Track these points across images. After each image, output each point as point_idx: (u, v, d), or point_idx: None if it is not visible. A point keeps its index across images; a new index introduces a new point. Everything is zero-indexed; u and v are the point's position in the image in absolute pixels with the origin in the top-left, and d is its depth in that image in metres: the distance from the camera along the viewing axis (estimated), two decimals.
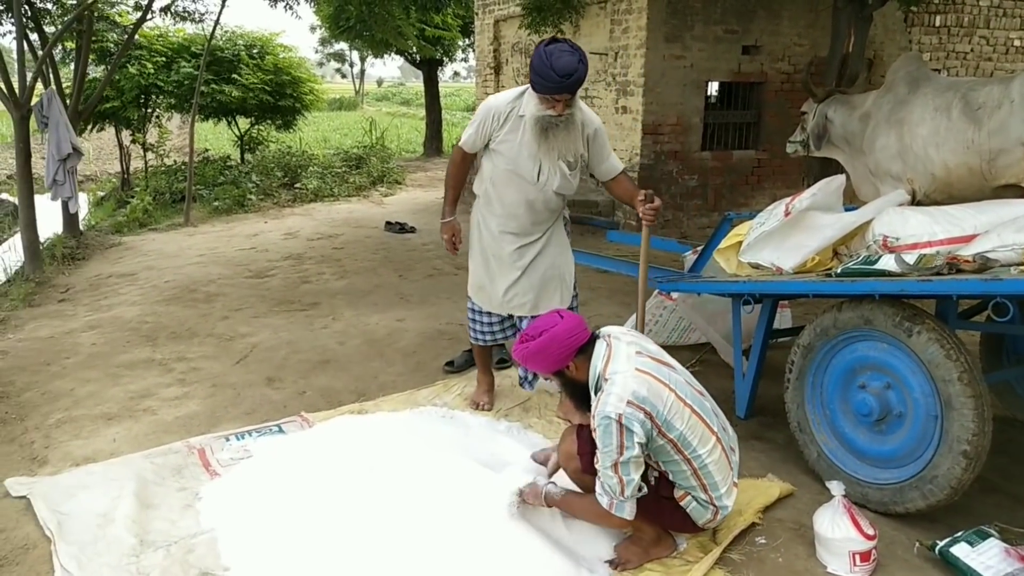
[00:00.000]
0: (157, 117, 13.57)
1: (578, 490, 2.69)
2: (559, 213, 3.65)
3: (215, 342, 5.02)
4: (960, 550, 2.55)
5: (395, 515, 2.75)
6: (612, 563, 2.63)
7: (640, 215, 3.32)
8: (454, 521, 2.68)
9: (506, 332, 3.81)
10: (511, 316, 3.73)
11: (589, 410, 2.53)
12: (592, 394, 2.53)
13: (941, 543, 2.60)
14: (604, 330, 2.67)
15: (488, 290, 3.68)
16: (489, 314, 3.75)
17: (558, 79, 3.11)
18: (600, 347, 2.58)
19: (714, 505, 2.57)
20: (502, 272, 3.62)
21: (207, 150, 15.51)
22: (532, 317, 3.55)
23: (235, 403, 4.04)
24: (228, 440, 3.51)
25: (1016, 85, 4.11)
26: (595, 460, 2.45)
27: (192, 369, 4.53)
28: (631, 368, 2.47)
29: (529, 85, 3.30)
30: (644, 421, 2.39)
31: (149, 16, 10.02)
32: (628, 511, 2.45)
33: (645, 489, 2.49)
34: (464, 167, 3.63)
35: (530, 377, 3.86)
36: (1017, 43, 9.52)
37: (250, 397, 4.12)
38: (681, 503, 2.57)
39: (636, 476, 2.42)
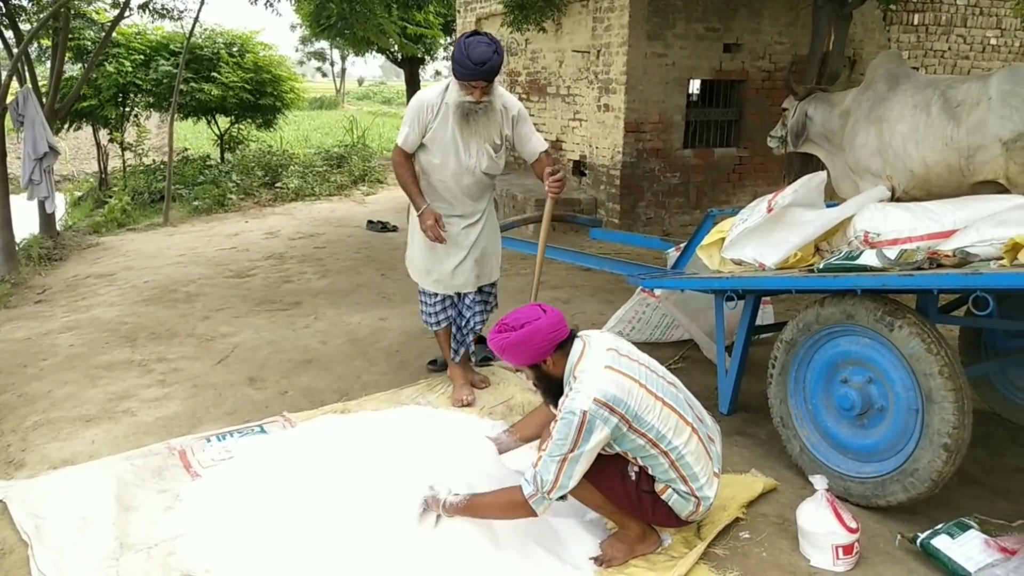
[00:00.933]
0: (135, 116, 13.45)
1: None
2: (491, 194, 3.99)
3: (196, 342, 4.97)
4: (941, 542, 2.57)
5: (379, 514, 2.72)
6: (597, 560, 2.63)
7: (546, 188, 3.64)
8: (435, 523, 2.66)
9: (448, 312, 4.00)
10: (451, 297, 3.97)
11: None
12: (565, 390, 2.54)
13: (923, 535, 2.63)
14: (582, 333, 2.68)
15: (435, 272, 3.90)
16: (435, 295, 3.96)
17: (473, 66, 3.43)
18: (577, 344, 2.59)
19: (695, 496, 2.57)
20: (449, 253, 3.84)
21: (186, 149, 15.37)
22: (466, 293, 3.93)
23: (216, 404, 4.00)
24: (209, 441, 3.48)
25: (994, 82, 4.15)
26: (541, 447, 2.45)
27: (172, 370, 4.48)
28: (601, 365, 2.48)
29: (453, 76, 3.58)
30: (609, 418, 2.39)
31: (127, 13, 9.91)
32: (543, 510, 2.45)
33: (565, 499, 2.48)
34: (410, 164, 3.81)
35: (469, 342, 4.05)
36: (994, 41, 9.63)
37: (232, 397, 4.08)
38: (662, 496, 2.57)
39: (573, 482, 2.42)
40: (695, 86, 8.52)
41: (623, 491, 2.58)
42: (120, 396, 4.10)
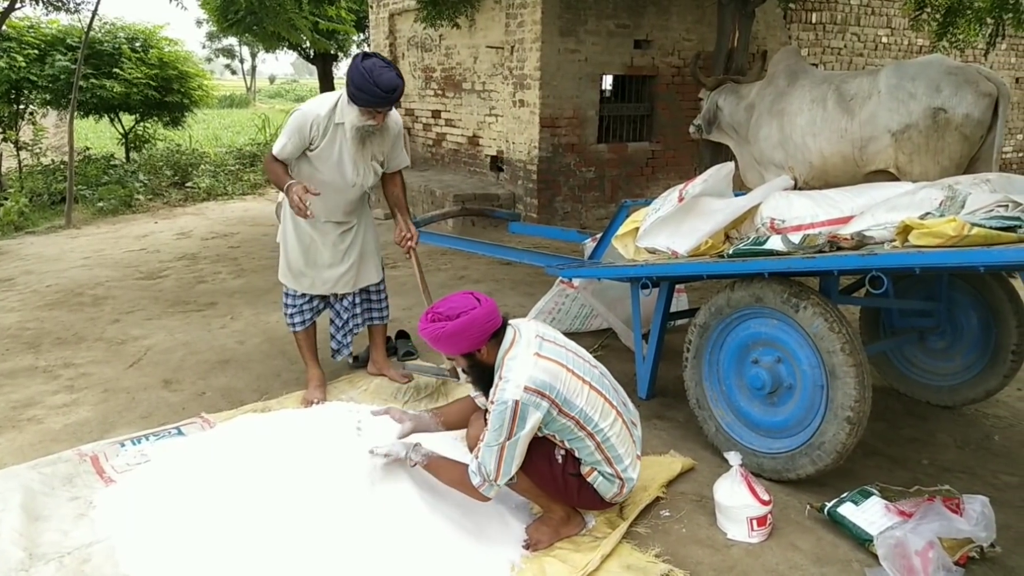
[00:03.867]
0: (31, 114, 12.77)
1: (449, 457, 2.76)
2: (366, 199, 4.00)
3: (105, 346, 4.78)
4: (846, 509, 2.73)
5: (301, 512, 2.69)
6: (524, 544, 2.68)
7: (402, 247, 3.82)
8: (362, 517, 2.65)
9: (312, 315, 4.00)
10: (320, 297, 3.96)
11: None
12: (495, 378, 2.57)
13: (829, 504, 2.79)
14: (512, 321, 2.72)
15: (309, 275, 3.88)
16: (303, 295, 3.93)
17: (383, 94, 3.33)
18: (508, 333, 2.63)
19: (620, 478, 2.65)
20: (324, 255, 3.85)
21: (88, 148, 14.69)
22: (343, 296, 3.95)
23: (130, 407, 3.87)
24: (123, 445, 3.36)
25: (883, 77, 4.40)
26: (480, 438, 2.50)
27: (81, 375, 4.31)
28: (530, 353, 2.53)
29: (343, 95, 3.47)
30: (540, 403, 2.46)
31: (17, 5, 9.40)
32: (493, 495, 2.56)
33: (516, 479, 2.56)
34: (283, 165, 3.68)
35: (348, 342, 4.06)
36: (885, 40, 10.17)
37: (146, 401, 3.95)
38: (588, 479, 2.64)
39: (515, 466, 2.50)
40: (608, 82, 8.68)
41: (550, 475, 2.63)
42: (24, 404, 3.91)
